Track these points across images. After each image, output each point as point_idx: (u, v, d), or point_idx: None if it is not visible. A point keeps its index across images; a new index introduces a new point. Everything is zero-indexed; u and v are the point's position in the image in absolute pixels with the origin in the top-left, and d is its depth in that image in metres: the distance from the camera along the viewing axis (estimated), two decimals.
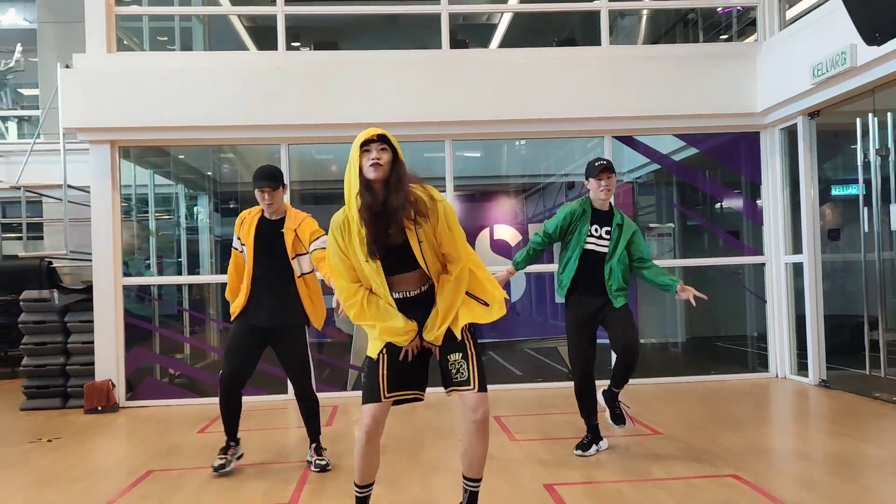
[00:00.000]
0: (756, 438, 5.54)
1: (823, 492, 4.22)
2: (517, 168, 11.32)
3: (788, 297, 8.24)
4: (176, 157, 9.91)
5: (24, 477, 5.20)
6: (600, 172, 5.06)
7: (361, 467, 3.39)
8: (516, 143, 11.25)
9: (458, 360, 3.32)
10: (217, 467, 4.92)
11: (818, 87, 7.10)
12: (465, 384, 3.30)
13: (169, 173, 10.25)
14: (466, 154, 10.70)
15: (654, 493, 4.26)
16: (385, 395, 3.32)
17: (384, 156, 3.20)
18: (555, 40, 10.80)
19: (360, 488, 3.46)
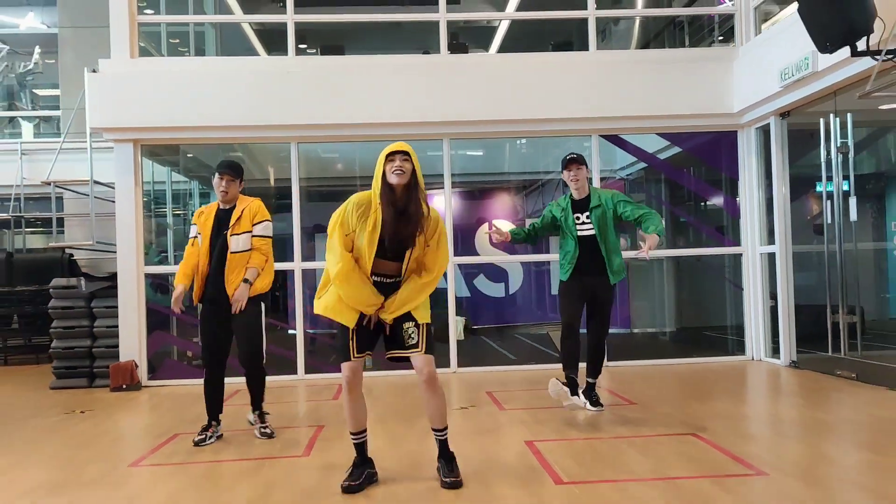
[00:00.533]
0: (719, 408, 6.14)
1: (766, 446, 4.84)
2: (518, 165, 11.92)
3: (763, 285, 8.84)
4: (188, 155, 10.53)
5: (65, 439, 5.84)
6: (568, 164, 5.72)
7: (351, 415, 4.14)
8: (517, 141, 11.86)
9: (411, 328, 4.07)
10: (197, 442, 5.35)
11: (786, 90, 7.71)
12: (415, 347, 4.05)
13: (182, 170, 10.88)
14: (469, 152, 11.31)
15: (620, 447, 4.88)
16: (354, 356, 4.06)
17: (406, 165, 3.92)
18: (551, 43, 11.40)
19: (355, 434, 4.17)
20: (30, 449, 5.52)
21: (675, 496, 3.79)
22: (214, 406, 5.55)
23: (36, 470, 4.84)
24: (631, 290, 11.89)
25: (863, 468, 4.38)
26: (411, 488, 4.11)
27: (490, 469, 4.44)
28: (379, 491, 4.07)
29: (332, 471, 4.47)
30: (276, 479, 4.41)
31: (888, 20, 5.89)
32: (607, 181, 11.22)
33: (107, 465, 4.91)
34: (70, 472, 4.76)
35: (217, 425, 5.56)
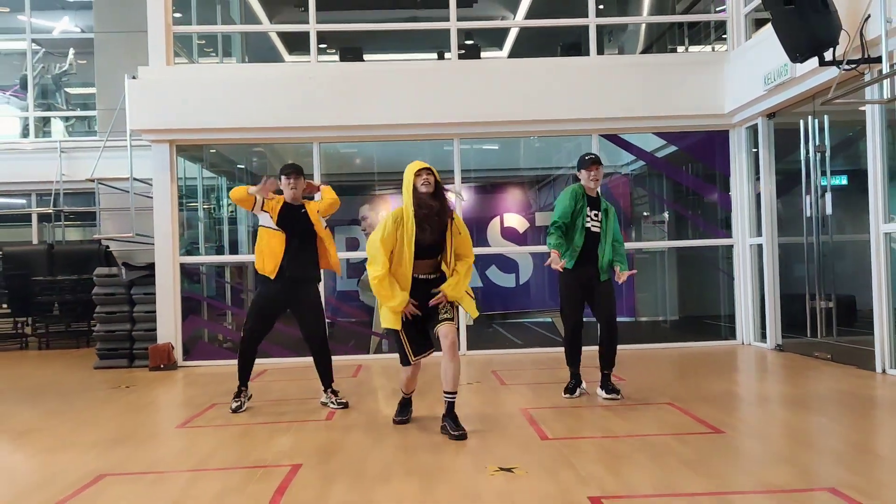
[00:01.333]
0: (700, 383, 6.81)
1: (730, 412, 5.52)
2: (530, 161, 12.59)
3: (753, 274, 9.47)
4: (218, 153, 11.29)
5: (116, 408, 6.63)
6: (590, 165, 6.06)
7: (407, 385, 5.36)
8: (532, 136, 12.52)
9: (448, 307, 5.06)
10: (235, 409, 6.05)
11: (770, 94, 8.33)
12: (448, 319, 5.01)
13: (210, 166, 11.65)
14: (484, 147, 12.00)
15: (603, 413, 5.59)
16: (413, 360, 5.11)
17: (430, 178, 5.00)
18: (560, 44, 12.05)
19: (406, 394, 5.42)
20: (88, 415, 6.31)
21: (640, 448, 4.49)
22: (248, 373, 6.26)
23: (97, 430, 5.62)
24: (636, 280, 12.56)
25: (808, 428, 5.06)
26: (425, 441, 4.83)
27: (487, 429, 5.16)
28: (396, 442, 4.80)
29: (351, 430, 5.21)
30: (304, 437, 5.15)
31: (852, 33, 6.52)
32: (612, 177, 11.90)
33: (157, 426, 5.68)
34: (126, 431, 5.53)
35: (246, 390, 6.26)
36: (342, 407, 6.14)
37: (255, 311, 6.17)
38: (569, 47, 11.75)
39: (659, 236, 12.17)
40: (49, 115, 15.54)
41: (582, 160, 6.18)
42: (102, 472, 4.38)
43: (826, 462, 4.22)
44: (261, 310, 6.13)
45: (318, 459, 4.51)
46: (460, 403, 6.09)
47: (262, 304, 6.14)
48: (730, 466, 4.07)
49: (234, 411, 6.07)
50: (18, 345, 12.56)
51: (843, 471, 3.96)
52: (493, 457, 4.41)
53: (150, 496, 3.95)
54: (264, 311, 6.13)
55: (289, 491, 3.89)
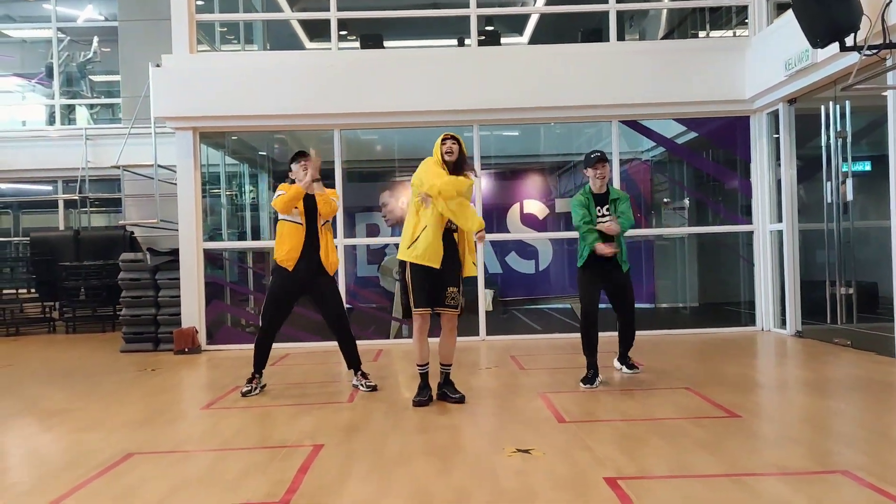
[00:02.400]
0: (718, 368, 6.84)
1: (747, 396, 5.56)
2: (551, 147, 12.59)
3: (773, 260, 9.46)
4: (240, 139, 11.41)
5: (142, 390, 6.78)
6: (595, 163, 6.16)
7: (419, 351, 5.55)
8: (551, 123, 12.52)
9: (454, 292, 5.48)
10: (245, 392, 6.13)
11: (790, 79, 8.30)
12: (454, 308, 5.51)
13: (232, 153, 11.78)
14: (505, 133, 12.03)
15: (620, 397, 5.65)
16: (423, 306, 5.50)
17: (454, 146, 5.42)
18: (581, 30, 12.03)
19: (421, 366, 5.61)
20: (116, 396, 6.46)
21: (655, 431, 4.56)
22: (264, 362, 6.32)
23: (125, 411, 5.77)
24: (655, 267, 12.55)
25: (824, 412, 5.09)
26: (444, 422, 4.93)
27: (505, 412, 5.25)
28: (416, 424, 4.89)
29: (372, 412, 5.32)
30: (325, 418, 5.26)
31: (874, 18, 6.48)
32: (633, 163, 11.90)
33: (182, 408, 5.82)
34: (153, 412, 5.67)
35: (260, 378, 6.30)
36: (371, 389, 6.21)
37: (272, 300, 6.20)
38: (589, 33, 11.71)
39: (679, 223, 12.15)
40: (74, 102, 15.75)
41: (588, 158, 6.28)
42: (130, 450, 4.52)
43: (840, 445, 4.25)
44: (277, 299, 6.19)
45: (340, 440, 4.62)
46: (478, 387, 6.20)
47: (277, 293, 6.18)
48: (744, 449, 4.12)
49: (243, 395, 6.14)
50: (46, 329, 12.81)
51: (856, 454, 4.00)
52: (510, 438, 4.50)
53: (176, 473, 4.07)
54: (281, 299, 6.20)
55: (311, 470, 3.99)
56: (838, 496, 3.41)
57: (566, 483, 3.65)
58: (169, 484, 3.87)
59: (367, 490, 3.66)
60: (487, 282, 10.05)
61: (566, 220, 11.50)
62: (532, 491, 3.55)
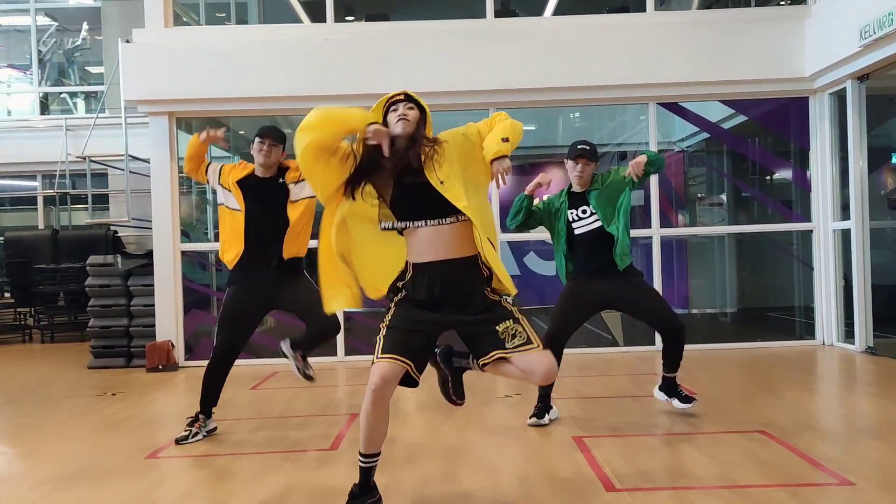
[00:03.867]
0: (790, 400, 5.59)
1: (846, 447, 4.30)
2: (571, 138, 11.37)
3: (836, 264, 8.18)
4: (235, 132, 10.27)
5: (92, 423, 5.59)
6: (576, 157, 4.87)
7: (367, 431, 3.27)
8: (571, 114, 11.30)
9: (511, 326, 3.23)
10: (180, 439, 4.80)
11: (866, 50, 7.01)
12: (528, 344, 3.21)
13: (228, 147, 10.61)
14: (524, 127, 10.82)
15: (679, 447, 4.40)
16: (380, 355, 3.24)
17: (412, 113, 3.32)
18: (606, 8, 10.79)
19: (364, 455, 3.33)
20: (55, 433, 5.28)
21: None
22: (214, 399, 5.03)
23: (55, 457, 4.58)
24: (689, 268, 11.30)
25: None
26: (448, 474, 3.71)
27: (533, 474, 4.02)
28: (414, 483, 3.67)
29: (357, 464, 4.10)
30: (299, 475, 4.05)
31: None
32: (665, 153, 10.62)
33: (123, 455, 4.61)
34: (84, 462, 4.47)
35: (206, 420, 5.00)
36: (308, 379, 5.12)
37: (225, 318, 4.89)
38: (616, 10, 10.52)
39: (718, 220, 10.90)
40: (55, 90, 14.64)
41: (572, 148, 4.96)
42: None
43: None
44: (231, 318, 4.88)
45: None
46: (496, 426, 5.01)
47: (231, 309, 4.88)
48: None
49: (177, 442, 4.78)
50: (21, 338, 11.70)
51: None
52: None
53: None
54: (237, 317, 4.88)
55: None
56: None
57: None
58: None
59: None
60: None
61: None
62: None
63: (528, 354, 3.18)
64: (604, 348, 8.45)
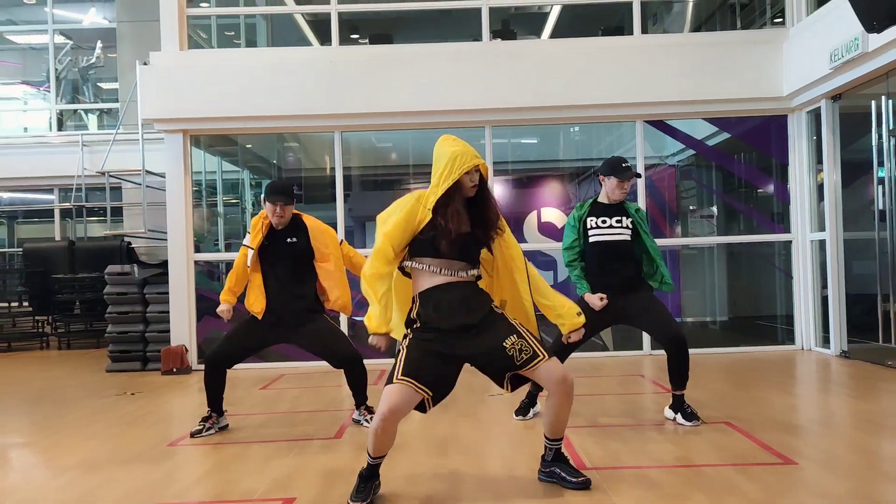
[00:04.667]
0: (759, 397, 6.02)
1: (801, 436, 4.74)
2: (571, 153, 11.83)
3: (814, 273, 8.62)
4: (243, 146, 10.77)
5: (113, 419, 6.07)
6: (631, 176, 5.06)
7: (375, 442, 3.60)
8: (570, 128, 11.77)
9: (517, 341, 3.53)
10: (194, 433, 5.21)
11: (836, 72, 7.48)
12: (535, 357, 3.51)
13: (237, 161, 11.12)
14: (523, 140, 11.29)
15: (650, 436, 4.85)
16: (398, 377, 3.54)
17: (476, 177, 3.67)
18: (601, 28, 11.29)
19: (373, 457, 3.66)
20: (79, 428, 5.75)
21: (694, 482, 3.75)
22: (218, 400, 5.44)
23: (82, 448, 5.05)
24: (681, 278, 11.73)
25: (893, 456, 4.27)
26: (440, 470, 4.16)
27: (517, 457, 4.47)
28: (406, 471, 4.13)
29: (359, 453, 4.56)
30: (305, 461, 4.51)
31: None
32: (657, 168, 11.10)
33: (146, 444, 5.09)
34: (110, 451, 4.94)
35: (218, 418, 5.44)
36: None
37: (235, 333, 5.30)
38: (611, 32, 11.00)
39: (707, 231, 11.35)
40: (71, 107, 15.18)
41: (618, 167, 5.08)
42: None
43: None
44: (240, 335, 5.28)
45: (316, 492, 3.87)
46: (487, 419, 5.47)
47: (245, 329, 5.27)
48: None
49: (192, 435, 5.24)
50: (39, 344, 12.20)
51: None
52: (520, 490, 3.73)
53: None
54: (245, 337, 5.27)
55: None
56: None
57: None
58: None
59: None
60: None
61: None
62: None
63: (539, 369, 3.50)
64: (594, 353, 8.88)
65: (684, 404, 5.14)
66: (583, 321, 3.82)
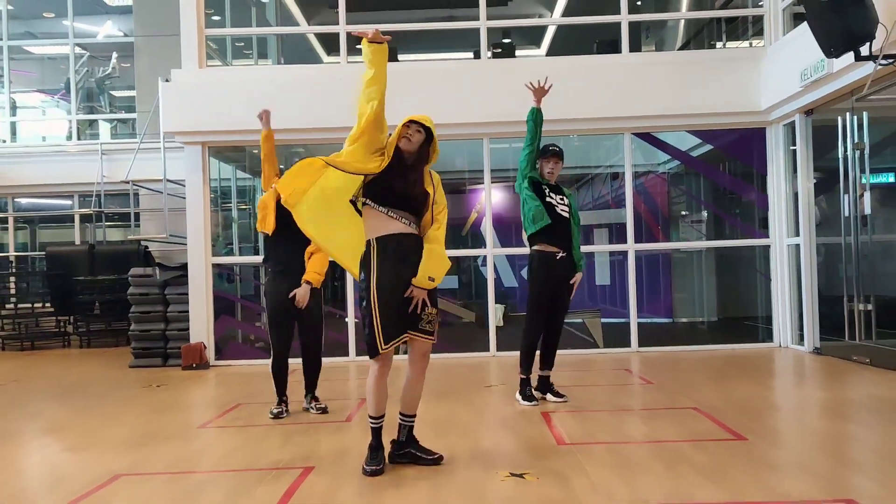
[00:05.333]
0: (728, 387, 6.64)
1: (761, 419, 5.36)
2: (570, 160, 12.44)
3: (791, 275, 9.23)
4: (251, 153, 11.39)
5: (143, 407, 6.71)
6: (552, 156, 6.15)
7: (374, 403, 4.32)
8: (571, 135, 12.39)
9: (431, 316, 4.21)
10: (276, 414, 5.90)
11: (806, 90, 8.10)
12: (428, 333, 4.22)
13: (245, 167, 11.76)
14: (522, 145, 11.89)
15: (624, 418, 5.47)
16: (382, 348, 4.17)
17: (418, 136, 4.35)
18: (596, 41, 11.92)
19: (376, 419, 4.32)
20: (115, 414, 6.40)
21: (656, 455, 4.38)
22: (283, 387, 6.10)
23: (121, 429, 5.69)
24: (673, 281, 12.35)
25: (835, 436, 4.88)
26: (438, 445, 4.79)
27: (504, 432, 5.10)
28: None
29: (366, 432, 5.18)
30: (320, 439, 5.15)
31: (889, 25, 6.29)
32: (649, 176, 11.74)
33: (179, 426, 5.73)
34: (149, 431, 5.59)
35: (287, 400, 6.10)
36: (322, 412, 6.06)
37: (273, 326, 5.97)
38: (606, 44, 11.62)
39: (697, 236, 11.97)
40: (91, 117, 15.85)
41: (545, 150, 6.19)
42: (118, 472, 4.43)
43: (850, 472, 4.06)
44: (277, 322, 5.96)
45: (331, 462, 4.50)
46: (480, 404, 6.07)
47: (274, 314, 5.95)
48: (747, 475, 3.94)
49: (273, 416, 5.92)
50: (61, 343, 12.85)
51: (866, 481, 3.81)
52: (505, 462, 4.35)
53: (161, 497, 3.97)
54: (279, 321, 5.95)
55: (297, 494, 3.88)
56: None
57: None
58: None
59: None
60: (502, 296, 9.89)
61: (587, 233, 11.37)
62: None
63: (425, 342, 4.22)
64: (586, 350, 9.50)
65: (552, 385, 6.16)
66: (429, 287, 4.20)
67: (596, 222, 11.90)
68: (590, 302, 11.41)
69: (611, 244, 10.94)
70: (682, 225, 12.44)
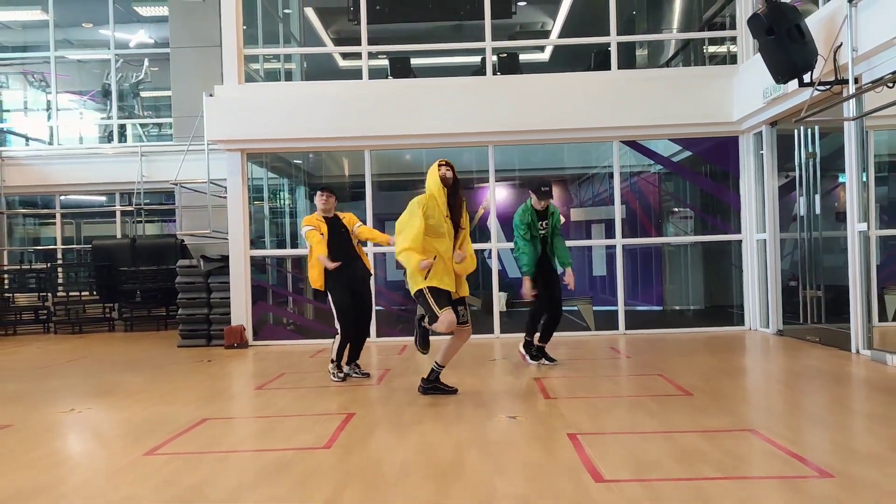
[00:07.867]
0: (694, 360, 7.92)
1: (705, 380, 6.64)
2: (573, 160, 13.74)
3: (759, 266, 10.49)
4: (289, 160, 12.71)
5: (203, 376, 8.05)
6: (545, 195, 7.53)
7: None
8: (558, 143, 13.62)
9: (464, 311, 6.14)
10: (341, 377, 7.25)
11: (768, 105, 9.35)
12: (466, 323, 6.13)
13: (272, 169, 13.07)
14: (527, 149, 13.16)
15: (600, 381, 6.77)
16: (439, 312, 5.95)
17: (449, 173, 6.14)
18: (593, 52, 13.16)
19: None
20: (182, 380, 7.74)
21: (620, 405, 5.68)
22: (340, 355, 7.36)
23: (192, 391, 7.02)
24: (664, 272, 13.60)
25: (759, 392, 6.18)
26: (450, 400, 6.10)
27: (503, 390, 6.41)
28: (428, 400, 6.07)
29: (394, 391, 6.50)
30: (357, 395, 6.47)
31: (827, 57, 7.54)
32: (642, 175, 12.97)
33: (239, 389, 7.06)
34: (215, 392, 6.92)
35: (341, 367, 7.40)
36: (365, 376, 7.37)
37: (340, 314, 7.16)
38: (603, 55, 12.84)
39: (683, 231, 13.19)
40: (129, 121, 17.19)
41: (539, 191, 7.54)
42: (204, 417, 5.75)
43: (759, 414, 5.35)
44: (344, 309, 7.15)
45: (368, 410, 5.82)
46: (484, 373, 7.37)
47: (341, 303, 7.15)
48: (681, 415, 5.22)
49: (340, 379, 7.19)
50: (107, 328, 14.21)
51: (769, 419, 5.10)
52: (503, 408, 5.66)
53: (243, 431, 5.29)
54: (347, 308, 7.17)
55: (346, 430, 5.19)
56: (739, 445, 4.51)
57: (538, 438, 4.81)
58: (238, 438, 5.10)
59: (386, 443, 4.84)
60: (504, 286, 11.20)
61: (586, 228, 12.68)
62: (512, 444, 4.71)
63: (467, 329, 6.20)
64: (580, 332, 10.79)
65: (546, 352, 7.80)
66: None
67: (596, 218, 13.17)
68: (590, 292, 12.68)
69: (606, 239, 12.20)
70: (671, 220, 13.67)
